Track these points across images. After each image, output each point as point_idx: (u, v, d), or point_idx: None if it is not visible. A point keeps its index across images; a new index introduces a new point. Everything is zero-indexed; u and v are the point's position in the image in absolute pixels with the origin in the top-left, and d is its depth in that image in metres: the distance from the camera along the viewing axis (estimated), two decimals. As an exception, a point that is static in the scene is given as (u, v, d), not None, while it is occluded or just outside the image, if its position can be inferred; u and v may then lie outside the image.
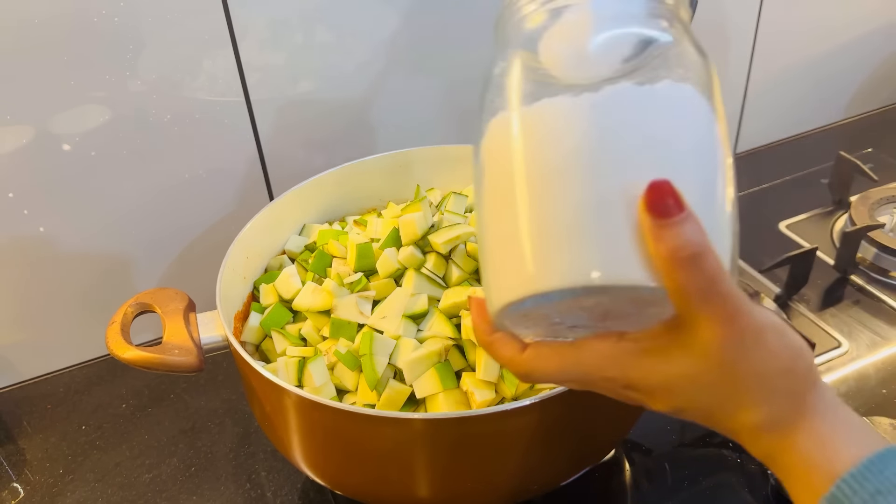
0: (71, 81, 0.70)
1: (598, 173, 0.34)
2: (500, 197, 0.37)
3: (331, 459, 0.58)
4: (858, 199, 0.95)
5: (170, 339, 0.59)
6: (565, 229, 0.34)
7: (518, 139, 0.36)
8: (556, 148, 0.35)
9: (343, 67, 0.81)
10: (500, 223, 0.37)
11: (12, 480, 0.72)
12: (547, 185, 0.35)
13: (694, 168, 0.35)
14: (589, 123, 0.34)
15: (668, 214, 0.32)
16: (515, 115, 0.37)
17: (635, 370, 0.37)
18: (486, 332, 0.41)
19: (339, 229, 0.74)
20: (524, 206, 0.35)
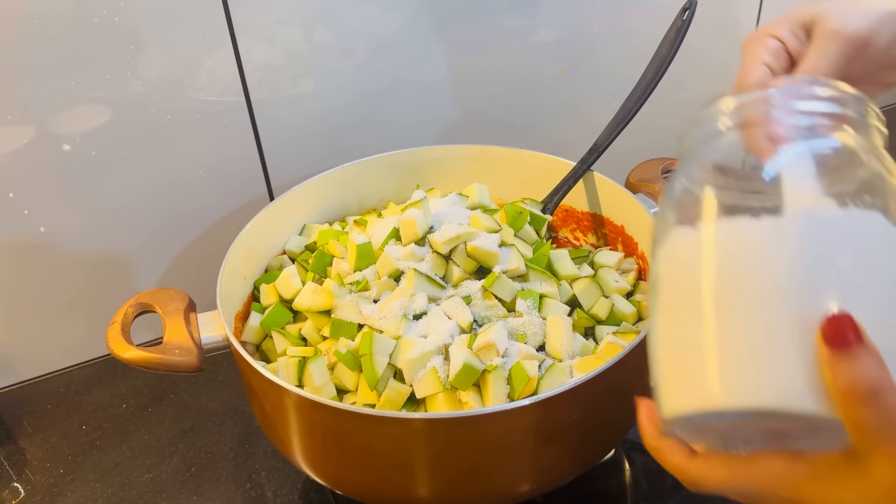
0: (71, 81, 0.70)
1: (787, 298, 0.34)
2: (682, 307, 0.37)
3: (331, 459, 0.58)
4: (859, 199, 0.95)
5: (170, 339, 0.59)
6: (748, 349, 0.34)
7: (710, 253, 0.36)
8: (749, 266, 0.35)
9: (343, 67, 0.81)
10: (679, 333, 0.37)
11: (13, 480, 0.72)
12: (734, 303, 0.35)
13: (879, 298, 0.34)
14: (789, 248, 0.34)
15: (845, 346, 0.32)
16: (709, 229, 0.37)
17: (809, 493, 0.36)
18: (654, 436, 0.41)
19: (339, 229, 0.75)
20: (709, 321, 0.35)
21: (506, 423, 0.52)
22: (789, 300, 0.34)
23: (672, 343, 0.38)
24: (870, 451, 0.33)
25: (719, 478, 0.39)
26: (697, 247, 0.37)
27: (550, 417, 0.53)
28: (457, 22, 0.85)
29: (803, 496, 0.37)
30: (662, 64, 0.69)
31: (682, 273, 0.37)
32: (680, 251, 0.38)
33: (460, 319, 0.61)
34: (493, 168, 0.79)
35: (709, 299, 0.35)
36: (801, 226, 0.35)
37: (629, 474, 0.69)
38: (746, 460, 0.38)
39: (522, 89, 0.92)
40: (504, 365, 0.58)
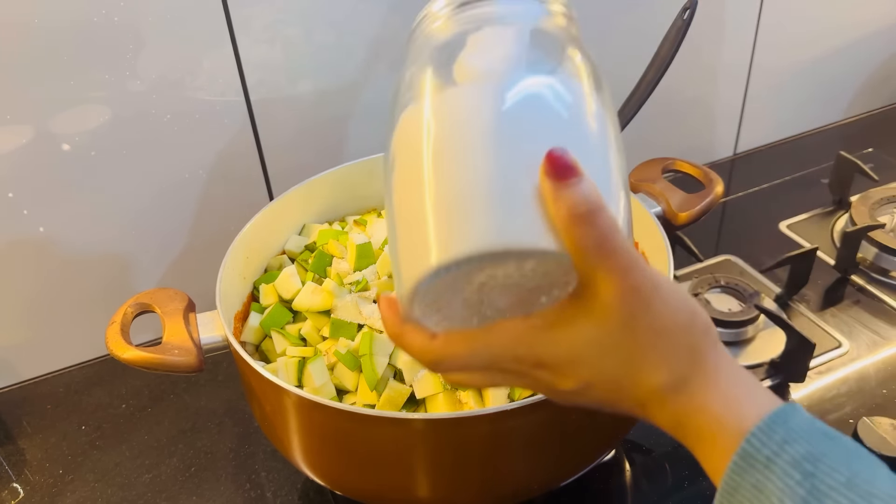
0: (70, 81, 0.69)
1: (501, 149, 0.36)
2: (408, 181, 0.38)
3: (331, 460, 0.58)
4: (859, 199, 0.95)
5: (169, 339, 0.59)
6: (469, 201, 0.35)
7: (427, 122, 0.38)
8: (463, 128, 0.37)
9: (343, 67, 0.81)
10: (407, 206, 0.38)
11: (12, 480, 0.72)
12: (453, 162, 0.36)
13: (585, 140, 0.38)
14: (494, 105, 0.37)
15: (565, 177, 0.34)
16: (426, 101, 0.39)
17: (542, 345, 0.37)
18: (396, 323, 0.40)
19: (339, 229, 0.74)
20: (431, 184, 0.36)
21: (506, 424, 0.52)
22: (503, 148, 0.36)
23: (402, 219, 0.38)
24: (593, 273, 0.35)
25: (460, 352, 0.39)
26: (417, 117, 0.39)
27: (550, 418, 0.53)
28: (457, 22, 0.84)
29: (539, 349, 0.37)
30: (663, 64, 0.69)
31: (408, 146, 0.39)
32: (407, 126, 0.40)
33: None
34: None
35: (428, 162, 0.37)
36: (508, 85, 0.38)
37: (629, 474, 0.69)
38: (483, 330, 0.38)
39: (522, 89, 0.92)
40: (504, 365, 0.58)
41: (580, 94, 0.40)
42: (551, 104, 0.38)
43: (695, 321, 0.37)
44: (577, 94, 0.39)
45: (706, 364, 0.37)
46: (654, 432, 0.71)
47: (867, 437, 0.66)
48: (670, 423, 0.38)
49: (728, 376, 0.37)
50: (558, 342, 0.37)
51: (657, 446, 0.71)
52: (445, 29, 0.43)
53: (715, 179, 0.74)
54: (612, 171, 0.39)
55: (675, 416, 0.38)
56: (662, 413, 0.38)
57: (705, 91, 1.06)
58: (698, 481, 0.67)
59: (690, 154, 0.89)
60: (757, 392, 0.37)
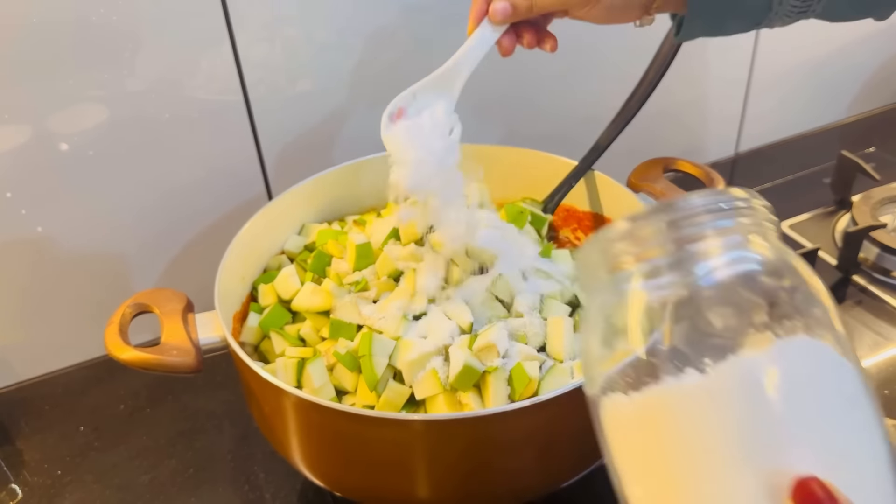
0: (69, 81, 0.69)
1: (744, 464, 0.30)
2: (648, 464, 0.34)
3: (330, 461, 0.58)
4: (860, 199, 0.94)
5: (168, 339, 0.59)
6: None
7: (655, 428, 0.33)
8: (700, 435, 0.31)
9: (343, 66, 0.81)
10: (640, 493, 0.35)
11: (10, 481, 0.71)
12: (695, 474, 0.31)
13: (841, 444, 0.31)
14: (731, 405, 0.31)
15: None
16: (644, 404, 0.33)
17: None
18: None
19: (338, 229, 0.74)
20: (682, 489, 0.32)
21: (506, 425, 0.52)
22: (741, 467, 0.30)
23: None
24: None
25: None
26: (639, 417, 0.33)
27: (551, 419, 0.53)
28: (457, 21, 0.84)
29: None
30: (663, 63, 0.69)
31: (641, 430, 0.34)
32: (631, 421, 0.34)
33: (460, 320, 0.61)
34: (493, 168, 0.79)
35: (669, 472, 0.32)
36: (737, 377, 0.31)
37: (630, 476, 0.69)
38: None
39: (523, 89, 0.92)
40: (504, 366, 0.57)
41: (831, 365, 0.32)
42: (795, 392, 0.31)
43: None
44: (828, 367, 0.32)
45: None
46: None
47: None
48: None
49: None
50: None
51: (658, 447, 0.70)
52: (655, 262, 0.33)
53: (716, 179, 0.74)
54: (886, 488, 0.31)
55: None
56: None
57: (706, 90, 1.05)
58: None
59: (691, 154, 0.89)
60: None
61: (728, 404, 0.31)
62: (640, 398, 0.33)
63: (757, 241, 0.34)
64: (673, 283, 0.33)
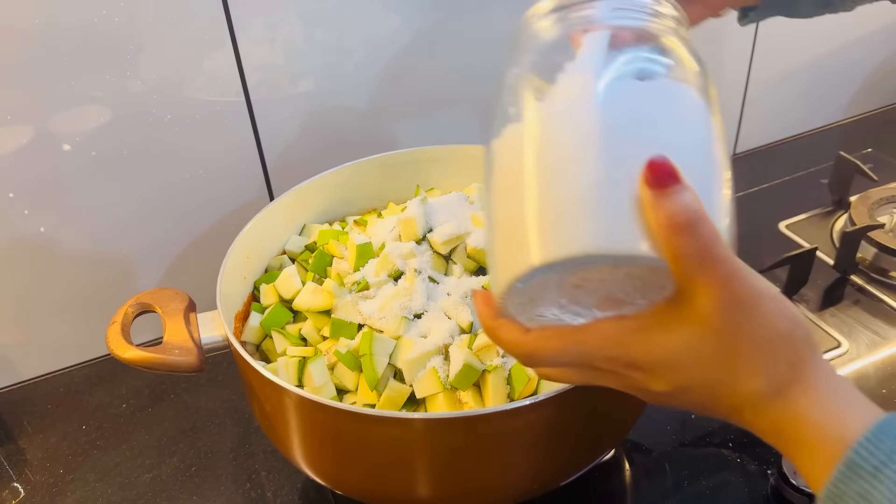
0: (71, 81, 0.70)
1: (601, 154, 0.36)
2: (509, 185, 0.38)
3: (331, 459, 0.58)
4: (858, 199, 0.95)
5: (170, 339, 0.59)
6: (569, 205, 0.35)
7: (530, 128, 0.38)
8: (565, 135, 0.37)
9: (343, 67, 0.81)
10: (507, 208, 0.38)
11: (13, 480, 0.72)
12: (554, 168, 0.37)
13: (689, 149, 0.37)
14: (597, 112, 0.37)
15: (665, 185, 0.34)
16: (529, 106, 0.39)
17: (637, 346, 0.37)
18: (490, 317, 0.41)
19: (339, 229, 0.75)
20: (531, 188, 0.37)
21: (506, 424, 0.52)
22: (606, 156, 0.36)
23: (501, 220, 0.39)
24: (691, 281, 0.35)
25: (552, 348, 0.39)
26: (520, 128, 0.39)
27: (551, 418, 0.53)
28: (457, 21, 0.85)
29: (633, 350, 0.37)
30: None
31: (510, 153, 0.39)
32: (507, 137, 0.40)
33: (460, 319, 0.61)
34: (492, 168, 0.79)
35: (530, 168, 0.37)
36: (612, 91, 0.37)
37: (629, 474, 0.69)
38: (578, 328, 0.39)
39: (522, 89, 0.92)
40: (504, 365, 0.58)
41: (685, 99, 0.39)
42: (655, 110, 0.38)
43: (795, 330, 0.37)
44: (682, 99, 0.39)
45: (806, 373, 0.37)
46: (655, 432, 0.71)
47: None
48: (768, 430, 0.38)
49: (828, 385, 0.37)
50: (653, 345, 0.37)
51: (657, 446, 0.71)
52: (550, 29, 0.43)
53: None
54: (715, 177, 0.38)
55: (772, 423, 0.37)
56: (759, 420, 0.38)
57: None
58: (698, 481, 0.67)
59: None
60: (858, 401, 0.37)
61: (607, 108, 0.37)
62: (534, 112, 0.39)
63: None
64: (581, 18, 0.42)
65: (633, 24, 0.42)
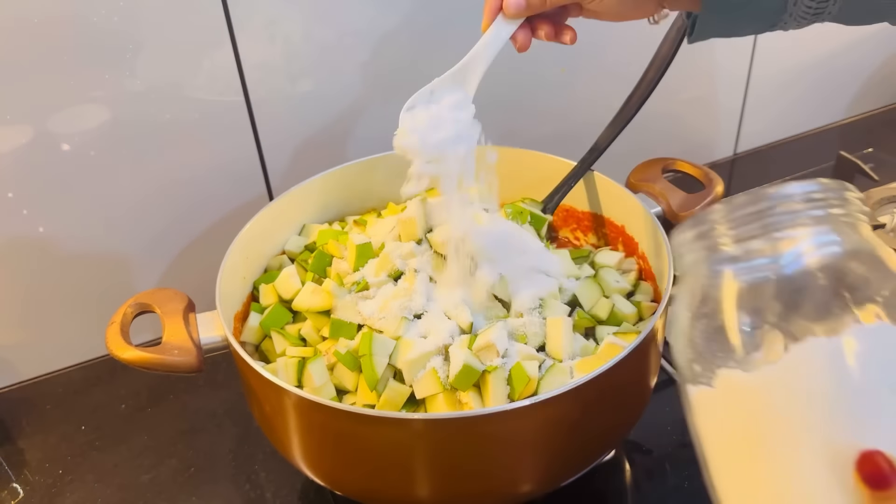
0: (70, 81, 0.69)
1: (813, 435, 0.32)
2: (723, 448, 0.36)
3: (330, 460, 0.58)
4: (859, 199, 0.95)
5: (169, 339, 0.59)
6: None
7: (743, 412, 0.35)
8: (758, 423, 0.34)
9: (343, 67, 0.81)
10: (726, 475, 0.37)
11: (12, 481, 0.71)
12: (776, 451, 0.33)
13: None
14: (783, 391, 0.33)
15: (885, 486, 0.29)
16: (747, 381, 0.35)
17: None
18: None
19: (338, 229, 0.74)
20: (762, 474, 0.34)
21: (506, 424, 0.52)
22: (814, 442, 0.31)
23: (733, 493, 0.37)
24: None
25: None
26: (754, 390, 0.34)
27: (550, 418, 0.53)
28: (456, 21, 0.84)
29: None
30: (663, 63, 0.69)
31: (730, 435, 0.36)
32: (721, 404, 0.36)
33: (460, 320, 0.61)
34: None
35: (756, 452, 0.34)
36: (815, 356, 0.32)
37: (629, 475, 0.69)
38: None
39: (522, 89, 0.92)
40: (504, 365, 0.58)
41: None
42: (875, 375, 0.32)
43: None
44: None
45: None
46: (655, 432, 0.71)
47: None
48: None
49: None
50: None
51: (657, 446, 0.70)
52: (746, 254, 0.35)
53: (715, 179, 0.74)
54: None
55: None
56: None
57: (705, 91, 1.06)
58: (698, 481, 0.67)
59: (690, 154, 0.89)
60: None
61: (803, 384, 0.32)
62: (727, 383, 0.35)
63: (846, 232, 0.36)
64: (763, 265, 0.35)
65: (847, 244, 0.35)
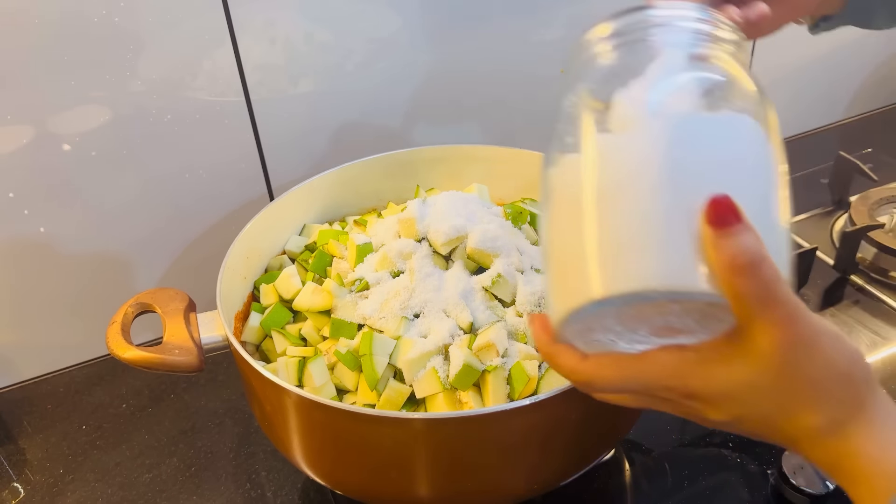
0: (71, 81, 0.70)
1: (663, 190, 0.36)
2: (568, 215, 0.38)
3: (331, 459, 0.58)
4: (858, 199, 0.95)
5: (170, 339, 0.59)
6: (629, 240, 0.36)
7: (589, 163, 0.38)
8: (626, 168, 0.37)
9: (343, 67, 0.81)
10: (566, 238, 0.38)
11: (13, 480, 0.72)
12: (615, 200, 0.37)
13: (751, 186, 0.37)
14: (658, 145, 0.37)
15: (726, 225, 0.34)
16: (589, 137, 0.39)
17: (696, 379, 0.38)
18: (548, 342, 0.41)
19: (339, 229, 0.75)
20: (591, 220, 0.37)
21: (506, 424, 0.52)
22: (668, 191, 0.35)
23: (560, 248, 0.39)
24: (751, 320, 0.35)
25: (610, 376, 0.39)
26: (579, 160, 0.38)
27: (550, 417, 0.53)
28: (457, 22, 0.85)
29: (692, 382, 0.38)
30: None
31: (570, 183, 0.39)
32: (566, 167, 0.40)
33: (460, 319, 0.61)
34: (493, 168, 0.79)
35: (590, 202, 0.37)
36: (672, 125, 0.37)
37: (629, 474, 0.69)
38: (636, 357, 0.39)
39: (522, 89, 0.92)
40: (504, 365, 0.58)
41: (746, 133, 0.39)
42: (718, 145, 0.37)
43: (853, 370, 0.37)
44: (743, 133, 0.38)
45: (865, 409, 0.37)
46: (655, 432, 0.71)
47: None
48: (825, 462, 0.38)
49: (886, 420, 0.38)
50: (711, 377, 0.37)
51: (657, 446, 0.71)
52: (610, 55, 0.42)
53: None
54: (775, 218, 0.37)
55: (829, 456, 0.38)
56: (816, 452, 0.38)
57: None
58: (698, 481, 0.67)
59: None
60: None
61: (664, 145, 0.36)
62: (592, 144, 0.38)
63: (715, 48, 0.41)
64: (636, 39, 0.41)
65: (695, 51, 0.41)
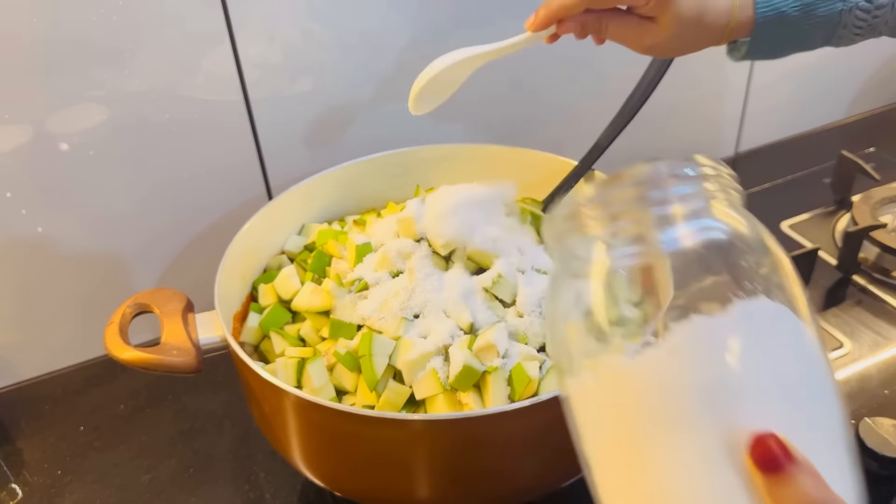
0: (69, 80, 0.69)
1: (700, 424, 0.30)
2: (604, 450, 0.34)
3: (330, 461, 0.58)
4: (860, 199, 0.94)
5: (168, 339, 0.59)
6: (677, 496, 0.31)
7: (605, 398, 0.34)
8: (660, 397, 0.32)
9: (343, 66, 0.81)
10: (609, 476, 0.34)
11: (10, 481, 0.71)
12: (653, 439, 0.32)
13: (798, 402, 0.31)
14: (686, 368, 0.31)
15: (777, 470, 0.28)
16: (602, 372, 0.34)
17: None
18: None
19: (338, 229, 0.74)
20: (636, 461, 0.32)
21: (506, 425, 0.52)
22: (703, 426, 0.30)
23: (606, 480, 0.35)
24: None
25: None
26: (593, 390, 0.34)
27: (551, 419, 0.53)
28: (457, 21, 0.84)
29: None
30: (664, 63, 0.69)
31: (595, 410, 0.35)
32: (586, 395, 0.35)
33: (460, 320, 0.61)
34: (493, 168, 0.79)
35: (627, 439, 0.32)
36: (697, 337, 0.31)
37: (630, 476, 0.69)
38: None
39: (522, 89, 0.92)
40: (504, 366, 0.57)
41: (790, 328, 0.32)
42: (745, 354, 0.31)
43: None
44: (786, 329, 0.32)
45: None
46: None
47: (868, 438, 0.65)
48: None
49: None
50: None
51: (658, 447, 0.70)
52: (601, 270, 0.34)
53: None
54: (837, 434, 0.31)
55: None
56: None
57: (706, 90, 1.05)
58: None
59: (691, 153, 0.89)
60: None
61: (688, 364, 0.31)
62: (603, 370, 0.33)
63: (721, 209, 0.34)
64: (637, 251, 0.33)
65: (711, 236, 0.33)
